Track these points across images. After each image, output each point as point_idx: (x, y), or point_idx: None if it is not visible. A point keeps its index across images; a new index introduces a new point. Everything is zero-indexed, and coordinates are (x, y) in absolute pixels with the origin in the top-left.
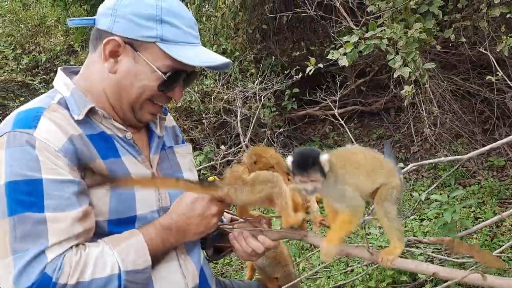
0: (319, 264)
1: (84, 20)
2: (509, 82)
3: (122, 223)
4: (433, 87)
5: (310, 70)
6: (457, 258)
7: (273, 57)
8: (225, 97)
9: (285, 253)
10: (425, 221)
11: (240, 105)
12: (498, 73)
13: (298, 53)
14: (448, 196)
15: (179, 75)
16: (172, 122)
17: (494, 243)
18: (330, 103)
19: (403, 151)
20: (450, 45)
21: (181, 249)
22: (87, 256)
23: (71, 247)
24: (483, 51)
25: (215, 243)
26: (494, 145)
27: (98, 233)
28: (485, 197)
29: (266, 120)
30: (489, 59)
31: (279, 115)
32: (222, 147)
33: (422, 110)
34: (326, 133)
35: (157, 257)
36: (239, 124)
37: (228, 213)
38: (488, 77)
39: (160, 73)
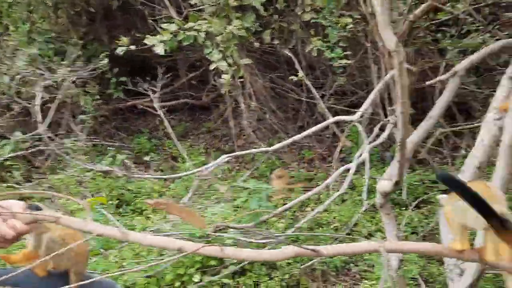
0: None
1: None
2: (307, 83)
3: None
4: (253, 83)
5: (122, 51)
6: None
7: (100, 42)
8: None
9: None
10: (240, 209)
11: (41, 89)
12: (298, 73)
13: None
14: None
15: None
16: None
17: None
18: (152, 95)
19: (230, 144)
20: (271, 45)
21: None
22: None
23: None
24: (287, 53)
25: None
26: (296, 137)
27: None
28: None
29: (88, 108)
30: (307, 60)
31: (105, 104)
32: (18, 133)
33: (241, 104)
34: (156, 125)
35: None
36: (38, 109)
37: None
38: (291, 77)
39: None
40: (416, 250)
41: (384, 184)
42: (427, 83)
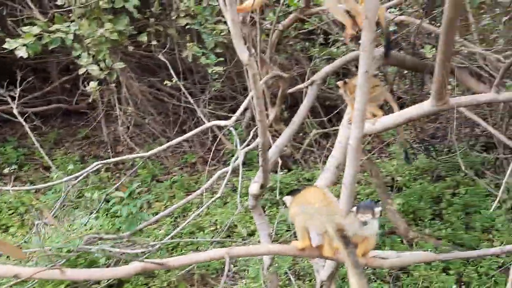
0: None
1: None
2: (182, 89)
3: None
4: (130, 88)
5: None
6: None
7: None
8: None
9: None
10: (119, 218)
11: None
12: (173, 79)
13: None
14: (130, 194)
15: None
16: None
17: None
18: (11, 101)
19: (108, 151)
20: (150, 49)
21: None
22: None
23: None
24: (161, 57)
25: None
26: (172, 143)
27: None
28: (176, 190)
29: None
30: (186, 64)
31: None
32: None
33: (116, 109)
34: (25, 133)
35: None
36: None
37: None
38: (166, 82)
39: None
40: (263, 252)
41: (253, 187)
42: (289, 91)
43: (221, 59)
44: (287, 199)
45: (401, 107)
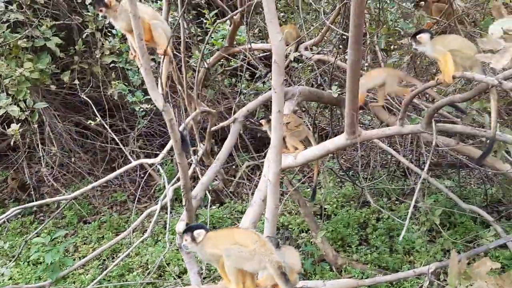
0: None
1: None
2: (107, 128)
3: None
4: (53, 127)
5: None
6: None
7: None
8: None
9: None
10: (41, 265)
11: None
12: (97, 118)
13: None
14: (52, 239)
15: None
16: None
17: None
18: None
19: (32, 193)
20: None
21: None
22: None
23: None
24: (83, 96)
25: None
26: (95, 184)
27: None
28: (105, 231)
29: None
30: (113, 101)
31: None
32: None
33: (39, 150)
34: None
35: None
36: None
37: None
38: (90, 121)
39: None
40: None
41: (180, 225)
42: (212, 129)
43: (149, 96)
44: (200, 233)
45: (327, 137)
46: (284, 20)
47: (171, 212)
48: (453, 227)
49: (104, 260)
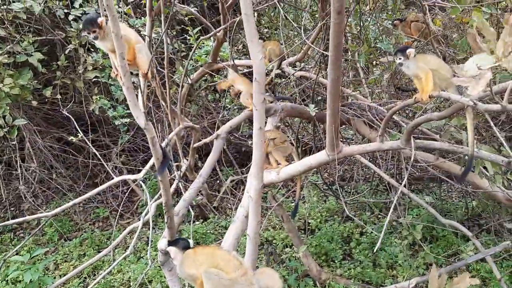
0: None
1: None
2: (88, 143)
3: None
4: (33, 143)
5: None
6: None
7: None
8: None
9: None
10: (20, 283)
11: None
12: (79, 134)
13: None
14: (31, 257)
15: None
16: None
17: None
18: None
19: (12, 209)
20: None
21: None
22: None
23: None
24: (65, 112)
25: None
26: (76, 201)
27: None
28: (87, 248)
29: None
30: (96, 116)
31: None
32: None
33: (17, 167)
34: None
35: None
36: None
37: None
38: (71, 138)
39: None
40: None
41: (162, 242)
42: (195, 145)
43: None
44: (172, 250)
45: (311, 151)
46: (268, 36)
47: (153, 228)
48: (436, 240)
49: (85, 278)
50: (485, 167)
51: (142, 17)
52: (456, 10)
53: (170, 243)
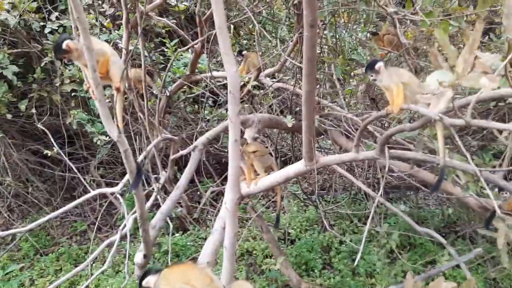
0: None
1: None
2: (63, 156)
3: None
4: (8, 157)
5: None
6: None
7: None
8: None
9: None
10: None
11: None
12: (54, 148)
13: None
14: (5, 273)
15: None
16: None
17: None
18: None
19: None
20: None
21: None
22: None
23: None
24: (40, 126)
25: None
26: (50, 216)
27: None
28: (63, 263)
29: None
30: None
31: None
32: None
33: None
34: None
35: None
36: None
37: None
38: (46, 151)
39: None
40: None
41: (138, 256)
42: (171, 157)
43: None
44: (148, 281)
45: (291, 161)
46: (247, 47)
47: (132, 242)
48: (413, 248)
49: None
50: (458, 175)
51: (117, 31)
52: (425, 25)
53: (143, 276)
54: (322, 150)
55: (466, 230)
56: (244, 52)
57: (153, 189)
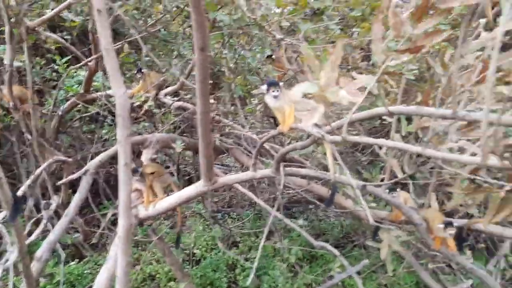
0: None
1: None
2: None
3: None
4: None
5: None
6: None
7: None
8: None
9: None
10: None
11: None
12: None
13: None
14: None
15: None
16: None
17: None
18: None
19: None
20: None
21: None
22: None
23: None
24: None
25: None
26: None
27: None
28: None
29: None
30: None
31: None
32: None
33: None
34: None
35: None
36: None
37: None
38: None
39: None
40: None
41: None
42: (60, 182)
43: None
44: None
45: (195, 180)
46: (150, 64)
47: (17, 275)
48: (315, 259)
49: None
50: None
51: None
52: (309, 50)
53: None
54: (226, 167)
55: (361, 240)
56: (144, 70)
57: (41, 216)
